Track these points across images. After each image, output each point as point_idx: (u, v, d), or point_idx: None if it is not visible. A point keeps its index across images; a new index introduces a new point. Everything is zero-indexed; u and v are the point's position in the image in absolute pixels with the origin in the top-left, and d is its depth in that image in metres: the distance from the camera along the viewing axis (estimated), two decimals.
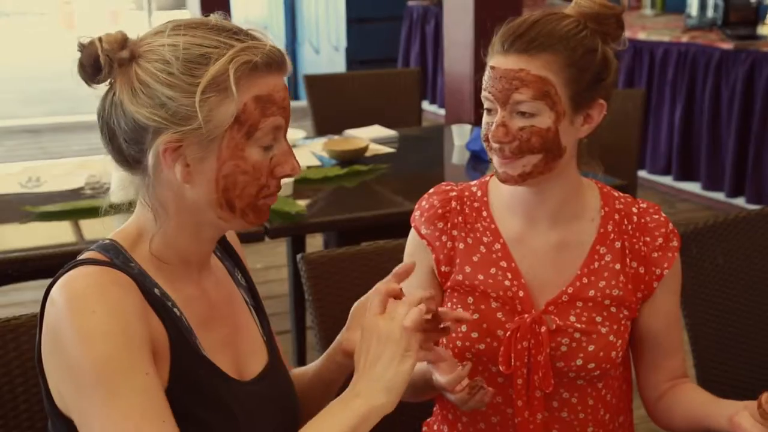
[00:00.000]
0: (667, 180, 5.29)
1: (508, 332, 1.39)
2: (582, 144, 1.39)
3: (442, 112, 6.70)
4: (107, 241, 1.14)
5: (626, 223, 1.44)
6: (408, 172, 3.08)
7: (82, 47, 1.09)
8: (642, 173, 5.24)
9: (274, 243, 3.96)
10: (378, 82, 4.04)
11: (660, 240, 1.43)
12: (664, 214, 1.45)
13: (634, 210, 1.45)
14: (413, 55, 7.17)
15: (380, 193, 2.85)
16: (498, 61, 1.31)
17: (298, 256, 1.73)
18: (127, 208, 1.20)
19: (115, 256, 1.11)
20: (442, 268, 1.46)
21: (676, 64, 5.10)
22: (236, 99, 1.07)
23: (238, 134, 1.08)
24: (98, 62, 1.08)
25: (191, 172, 1.09)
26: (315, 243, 3.96)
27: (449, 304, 1.46)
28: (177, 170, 1.08)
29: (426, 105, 7.12)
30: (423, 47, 7.10)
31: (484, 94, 1.33)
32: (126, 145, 1.10)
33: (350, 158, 3.05)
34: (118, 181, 2.64)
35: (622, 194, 1.48)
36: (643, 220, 1.44)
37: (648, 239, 1.43)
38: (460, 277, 1.43)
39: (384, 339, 1.09)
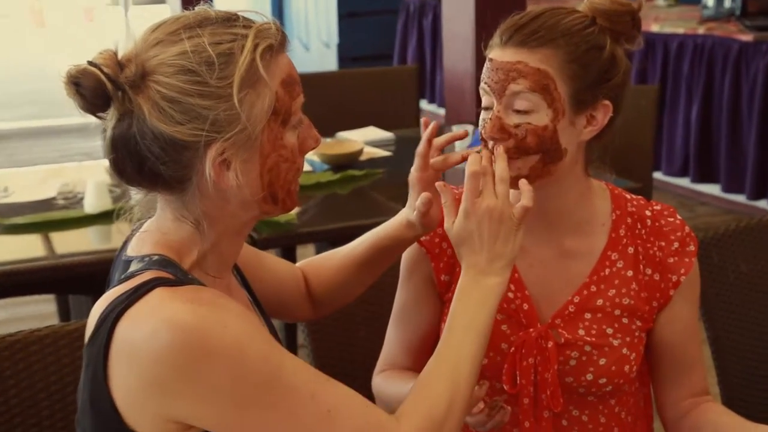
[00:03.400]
0: (685, 182, 5.30)
1: (512, 348, 1.39)
2: (592, 149, 1.39)
3: (441, 111, 6.70)
4: (156, 257, 1.12)
5: (639, 227, 1.44)
6: (406, 176, 3.06)
7: (76, 78, 1.06)
8: (657, 175, 5.25)
9: None
10: (372, 80, 4.04)
11: (676, 244, 1.43)
12: (680, 217, 1.46)
13: (648, 213, 1.45)
14: (410, 51, 7.18)
15: (376, 199, 2.85)
16: (496, 53, 1.32)
17: None
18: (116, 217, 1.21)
19: (175, 272, 1.11)
20: (442, 278, 1.46)
21: (691, 58, 5.11)
22: (270, 88, 1.09)
23: (276, 124, 1.11)
24: (105, 91, 1.07)
25: (238, 176, 1.10)
26: (306, 254, 3.95)
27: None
28: (230, 178, 1.09)
29: (424, 104, 7.12)
30: (420, 42, 7.11)
31: (480, 86, 1.34)
32: (164, 168, 1.09)
33: (343, 162, 3.05)
34: (94, 192, 2.64)
35: (634, 196, 1.48)
36: (657, 224, 1.44)
37: (663, 244, 1.43)
38: None
39: (497, 218, 1.21)
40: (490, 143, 1.31)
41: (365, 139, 3.36)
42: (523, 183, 1.26)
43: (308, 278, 1.46)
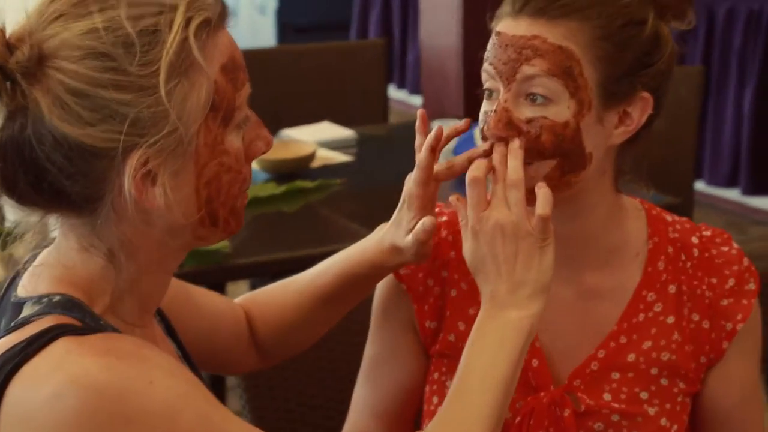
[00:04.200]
0: (734, 194, 5.34)
1: (518, 418, 1.41)
2: (624, 157, 1.40)
3: (416, 101, 6.73)
4: (58, 297, 1.12)
5: (683, 258, 1.46)
6: (371, 189, 3.08)
7: None
8: (699, 185, 5.28)
9: None
10: (325, 59, 4.05)
11: (731, 282, 1.45)
12: (736, 246, 1.48)
13: (694, 240, 1.47)
14: (373, 21, 7.19)
15: (332, 219, 2.85)
16: (506, 25, 1.34)
17: None
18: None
19: (83, 317, 1.11)
20: (427, 324, 1.48)
21: (744, 30, 5.15)
22: (208, 76, 1.10)
23: (215, 123, 1.12)
24: None
25: (167, 192, 1.10)
26: (239, 292, 3.96)
27: (436, 374, 1.47)
28: (156, 195, 1.10)
29: (393, 91, 7.13)
30: (387, 9, 7.11)
31: (484, 67, 1.35)
32: (70, 182, 1.09)
33: (289, 171, 3.06)
34: None
35: (677, 218, 1.50)
36: (707, 254, 1.46)
37: (714, 281, 1.45)
38: (452, 338, 1.45)
39: (511, 234, 1.25)
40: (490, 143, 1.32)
41: (318, 139, 3.37)
42: (540, 185, 1.28)
43: (252, 318, 1.47)
